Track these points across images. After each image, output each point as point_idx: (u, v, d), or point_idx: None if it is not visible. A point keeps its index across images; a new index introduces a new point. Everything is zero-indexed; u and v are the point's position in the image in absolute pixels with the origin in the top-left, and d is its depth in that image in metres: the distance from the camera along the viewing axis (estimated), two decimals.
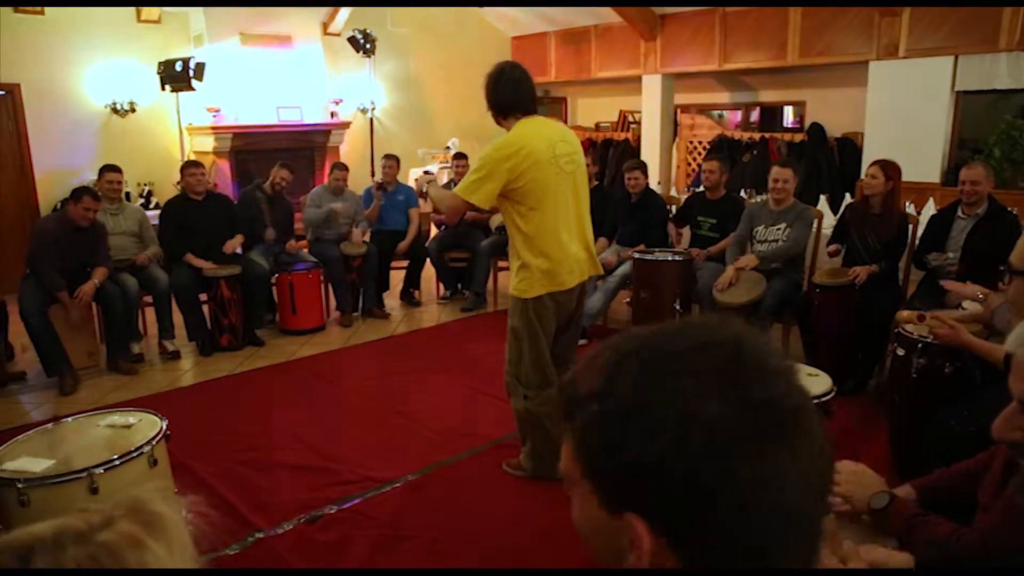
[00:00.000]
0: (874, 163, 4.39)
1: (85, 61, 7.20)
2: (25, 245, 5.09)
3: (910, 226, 4.44)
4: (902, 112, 7.02)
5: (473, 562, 2.73)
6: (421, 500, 3.17)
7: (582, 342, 5.14)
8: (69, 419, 2.47)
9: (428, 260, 6.45)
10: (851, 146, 7.90)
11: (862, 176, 5.15)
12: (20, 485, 2.02)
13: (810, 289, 4.48)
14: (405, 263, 6.45)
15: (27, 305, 4.52)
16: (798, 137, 8.22)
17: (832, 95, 8.53)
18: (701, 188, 5.55)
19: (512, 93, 2.98)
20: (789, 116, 9.69)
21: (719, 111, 10.37)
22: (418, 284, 6.62)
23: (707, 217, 5.19)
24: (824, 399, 2.71)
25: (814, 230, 4.77)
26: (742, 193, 6.74)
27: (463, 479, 3.37)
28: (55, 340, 4.58)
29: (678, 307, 4.73)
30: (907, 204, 5.45)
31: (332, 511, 3.07)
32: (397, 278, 6.58)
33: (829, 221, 5.13)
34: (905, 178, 4.64)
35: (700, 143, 9.01)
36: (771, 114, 9.77)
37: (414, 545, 2.83)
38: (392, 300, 6.54)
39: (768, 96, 9.53)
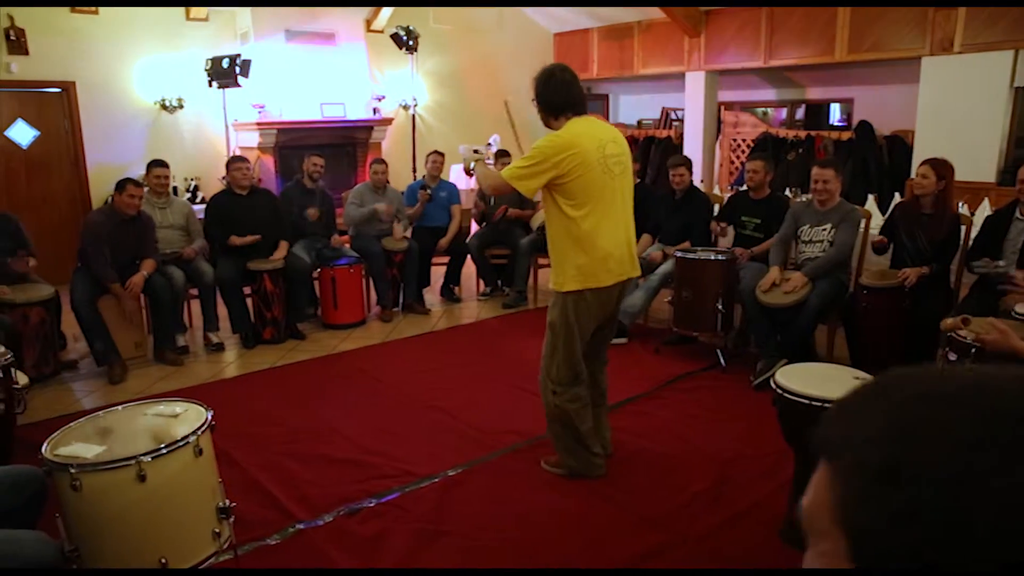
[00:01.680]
0: (925, 162, 4.28)
1: (136, 59, 7.36)
2: (77, 239, 5.22)
3: (963, 227, 4.32)
4: (956, 109, 6.82)
5: (510, 560, 2.72)
6: (460, 496, 3.17)
7: (622, 340, 5.14)
8: (118, 408, 2.52)
9: (469, 257, 6.47)
10: (901, 144, 7.71)
11: (912, 175, 5.02)
12: (73, 470, 2.07)
13: (857, 291, 4.37)
14: (446, 259, 6.48)
15: (78, 296, 4.64)
16: (845, 135, 8.05)
17: (882, 92, 8.34)
18: (745, 187, 5.46)
19: (563, 94, 3.02)
20: (836, 114, 9.50)
21: (763, 108, 10.21)
22: (458, 280, 6.64)
23: (751, 216, 5.11)
24: None
25: (861, 230, 4.66)
26: (787, 192, 6.62)
27: (502, 476, 3.36)
28: (104, 331, 4.70)
29: (720, 307, 4.66)
30: (960, 204, 5.30)
31: (371, 504, 3.09)
32: (438, 274, 6.61)
33: (877, 221, 5.00)
34: (958, 177, 4.51)
35: (744, 141, 8.88)
36: (817, 111, 9.60)
37: (452, 541, 2.84)
38: (432, 296, 6.58)
39: (814, 93, 9.35)
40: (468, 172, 3.37)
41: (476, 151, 3.41)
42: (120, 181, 4.81)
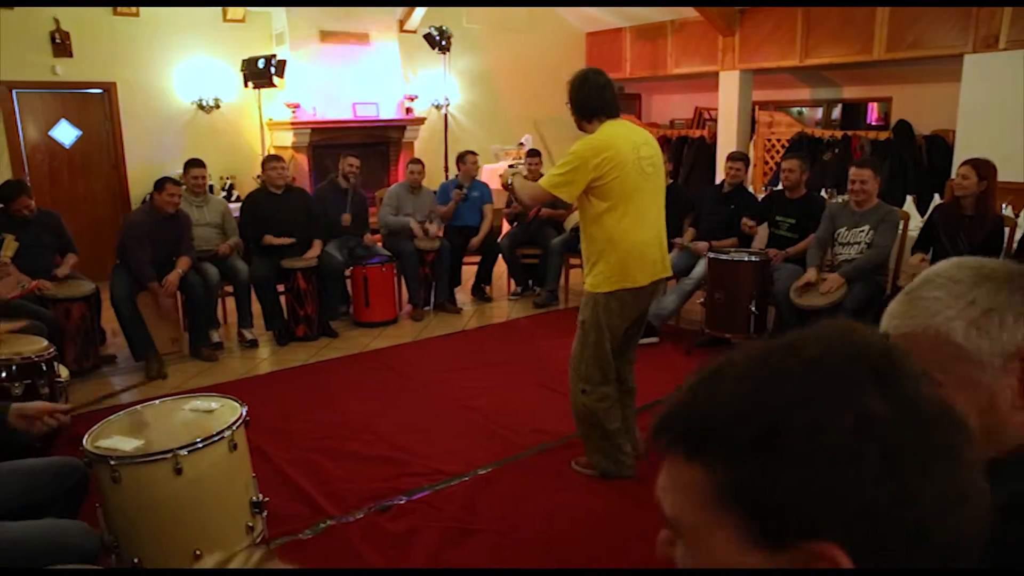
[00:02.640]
0: (966, 162, 4.19)
1: (174, 60, 7.49)
2: (116, 236, 5.33)
3: (1006, 229, 4.22)
4: (1000, 108, 6.65)
5: (538, 561, 2.72)
6: (489, 495, 3.18)
7: (653, 340, 5.11)
8: (156, 402, 2.57)
9: (500, 256, 6.48)
10: (941, 144, 7.55)
11: (953, 176, 4.91)
12: (112, 462, 2.11)
13: (894, 294, 4.28)
14: (477, 259, 6.49)
15: (117, 292, 4.74)
16: (883, 135, 7.91)
17: (921, 91, 8.18)
18: (779, 187, 5.40)
19: (597, 98, 3.04)
20: (873, 113, 9.35)
21: (799, 108, 10.08)
22: (490, 280, 6.65)
23: (786, 217, 5.04)
24: None
25: (899, 232, 4.57)
26: (823, 193, 6.53)
27: (532, 475, 3.36)
28: (142, 326, 4.80)
29: (754, 309, 4.61)
30: (1003, 206, 5.17)
31: (402, 502, 3.11)
32: (469, 274, 6.63)
33: (916, 223, 4.91)
34: (1001, 178, 4.40)
35: (778, 141, 8.77)
36: (854, 111, 9.45)
37: (481, 539, 2.84)
38: (463, 295, 6.60)
39: (851, 92, 9.21)
40: (506, 187, 3.40)
41: (512, 165, 3.45)
42: (159, 180, 4.91)
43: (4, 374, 3.00)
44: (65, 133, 7.12)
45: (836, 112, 9.61)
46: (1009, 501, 0.67)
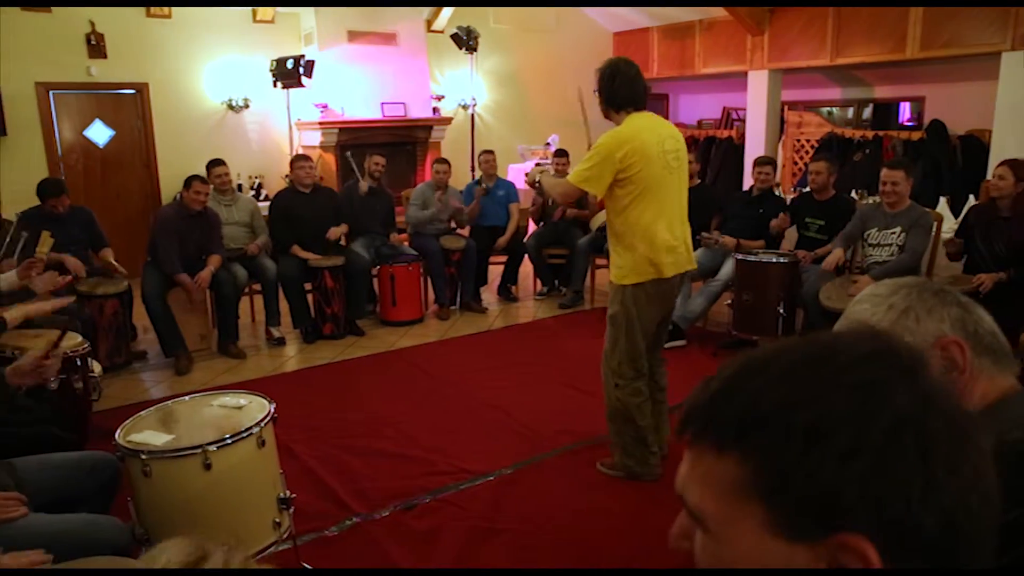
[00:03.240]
0: (1003, 163, 4.11)
1: (204, 60, 7.58)
2: (147, 234, 5.41)
3: None
4: None
5: (563, 560, 2.72)
6: (514, 495, 3.18)
7: (680, 343, 5.07)
8: (186, 398, 2.60)
9: (526, 256, 6.47)
10: (976, 145, 7.41)
11: (988, 177, 4.82)
12: (143, 457, 2.14)
13: None
14: (503, 258, 6.50)
15: (148, 290, 4.81)
16: (916, 135, 7.78)
17: (956, 90, 8.03)
18: (808, 188, 5.34)
19: (627, 89, 3.04)
20: (906, 113, 9.20)
21: (828, 108, 9.95)
22: (516, 280, 6.65)
23: (815, 218, 4.98)
24: None
25: (933, 234, 4.49)
26: (852, 194, 6.45)
27: (557, 476, 3.36)
28: (172, 323, 4.87)
29: (782, 311, 4.56)
30: None
31: (427, 500, 3.12)
32: (495, 273, 6.63)
33: (950, 225, 4.83)
34: None
35: (808, 141, 8.66)
36: (885, 111, 9.31)
37: (506, 539, 2.84)
38: (489, 295, 6.61)
39: (883, 92, 9.07)
40: (533, 185, 3.39)
41: (539, 163, 3.45)
42: (188, 178, 4.97)
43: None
44: (99, 133, 7.25)
45: (867, 112, 9.48)
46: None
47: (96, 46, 6.94)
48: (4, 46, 6.52)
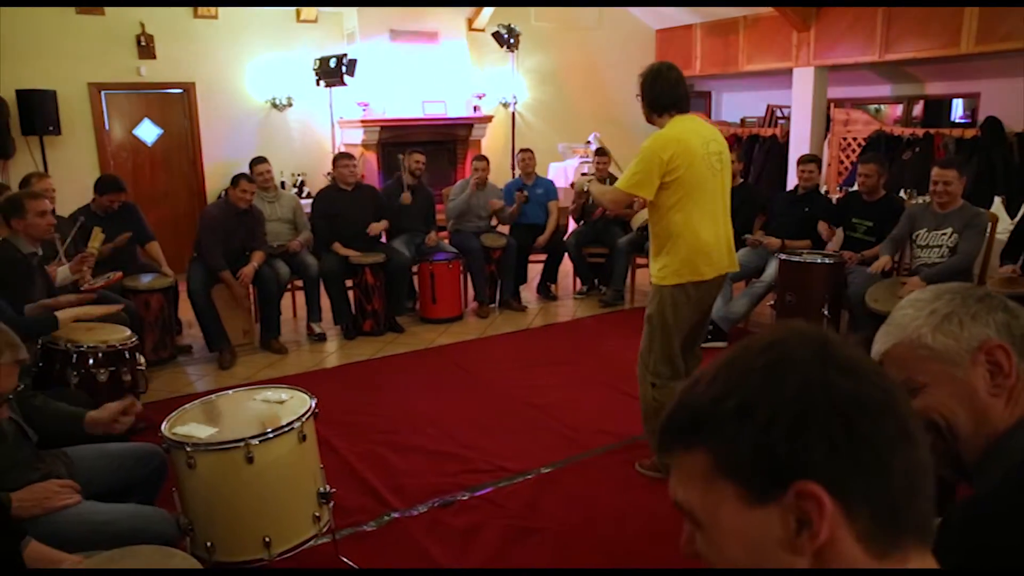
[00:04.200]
0: None
1: (249, 59, 7.70)
2: (193, 230, 5.52)
3: None
4: None
5: (600, 561, 2.70)
6: (552, 494, 3.16)
7: (721, 344, 5.00)
8: (229, 392, 2.64)
9: (566, 255, 6.45)
10: None
11: None
12: (188, 449, 2.18)
13: None
14: (543, 257, 6.48)
15: (193, 285, 4.90)
16: (969, 133, 7.55)
17: (1013, 85, 7.76)
18: (855, 187, 5.22)
19: (670, 92, 3.07)
20: (959, 109, 8.94)
21: (877, 105, 9.72)
22: (555, 278, 6.63)
23: (862, 219, 4.87)
24: None
25: (987, 235, 4.35)
26: (901, 193, 6.29)
27: (596, 476, 3.33)
28: (216, 318, 4.96)
29: (826, 312, 4.47)
30: None
31: (465, 498, 3.12)
32: (535, 271, 6.62)
33: (1005, 226, 4.68)
34: None
35: (855, 140, 8.47)
36: (937, 108, 9.04)
37: (543, 539, 2.83)
38: (529, 293, 6.60)
39: (935, 88, 8.82)
40: (581, 195, 3.41)
41: (584, 173, 3.47)
42: (235, 176, 5.06)
43: (91, 360, 3.13)
44: (148, 131, 7.41)
45: (917, 109, 9.23)
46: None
47: (146, 47, 7.10)
48: (60, 48, 6.72)
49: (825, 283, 4.53)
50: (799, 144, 8.69)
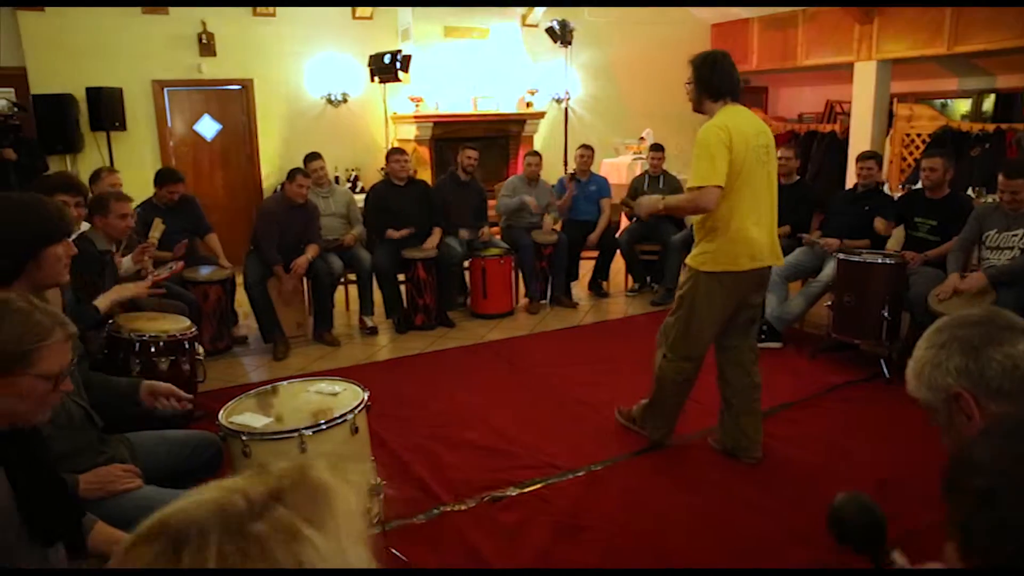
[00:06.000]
0: None
1: (305, 56, 7.84)
2: (250, 224, 5.64)
3: None
4: None
5: (650, 561, 2.67)
6: (602, 492, 3.14)
7: (776, 345, 4.90)
8: (285, 383, 2.69)
9: (618, 252, 6.39)
10: None
11: None
12: (244, 438, 2.23)
13: None
14: (595, 253, 6.44)
15: (250, 278, 5.01)
16: None
17: None
18: (918, 185, 5.05)
19: (728, 79, 3.07)
20: None
21: (942, 99, 9.40)
22: (607, 275, 6.58)
23: (926, 218, 4.71)
24: None
25: None
26: (969, 192, 6.06)
27: (645, 475, 3.30)
28: (271, 310, 5.06)
29: (886, 315, 4.33)
30: None
31: (514, 493, 3.12)
32: (586, 268, 6.59)
33: None
34: None
35: (918, 136, 8.20)
36: (1009, 101, 8.70)
37: (592, 537, 2.81)
38: (580, 290, 6.57)
39: (1007, 81, 8.48)
40: (645, 218, 3.38)
41: (625, 203, 3.46)
42: (291, 171, 5.15)
43: (152, 349, 3.22)
44: (207, 127, 7.60)
45: (987, 103, 8.89)
46: None
47: (207, 44, 7.28)
48: (126, 47, 6.94)
49: (886, 284, 4.39)
50: (859, 141, 8.45)
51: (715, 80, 3.05)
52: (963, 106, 9.34)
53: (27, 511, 1.37)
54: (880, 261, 4.44)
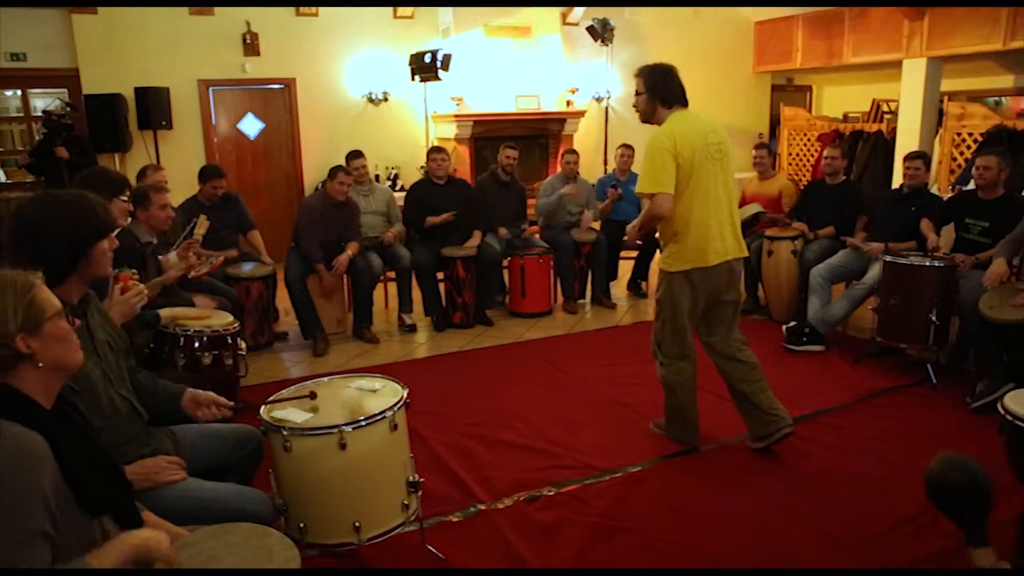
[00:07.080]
0: None
1: (347, 55, 7.92)
2: (291, 221, 5.71)
3: None
4: None
5: (684, 563, 2.64)
6: (639, 493, 3.12)
7: (819, 348, 4.81)
8: (325, 379, 2.72)
9: (657, 252, 6.33)
10: None
11: None
12: (285, 432, 2.26)
13: None
14: (634, 254, 6.40)
15: (291, 274, 5.07)
16: None
17: None
18: (969, 186, 4.90)
19: (678, 87, 3.31)
20: None
21: (996, 97, 9.13)
22: (646, 275, 6.53)
23: (977, 220, 4.57)
24: None
25: None
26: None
27: (682, 477, 3.26)
28: (312, 307, 5.12)
29: (934, 319, 4.22)
30: None
31: (551, 493, 3.11)
32: (625, 268, 6.54)
33: None
34: None
35: (970, 135, 7.97)
36: None
37: (629, 538, 2.79)
38: (619, 290, 6.52)
39: None
40: (634, 239, 3.48)
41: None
42: (332, 169, 5.20)
43: (196, 344, 3.27)
44: (250, 125, 7.72)
45: None
46: None
47: (251, 44, 7.40)
48: (173, 47, 7.09)
49: (934, 287, 4.27)
50: (907, 140, 8.25)
51: (667, 88, 3.27)
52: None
53: (74, 481, 1.42)
54: (929, 264, 4.32)
